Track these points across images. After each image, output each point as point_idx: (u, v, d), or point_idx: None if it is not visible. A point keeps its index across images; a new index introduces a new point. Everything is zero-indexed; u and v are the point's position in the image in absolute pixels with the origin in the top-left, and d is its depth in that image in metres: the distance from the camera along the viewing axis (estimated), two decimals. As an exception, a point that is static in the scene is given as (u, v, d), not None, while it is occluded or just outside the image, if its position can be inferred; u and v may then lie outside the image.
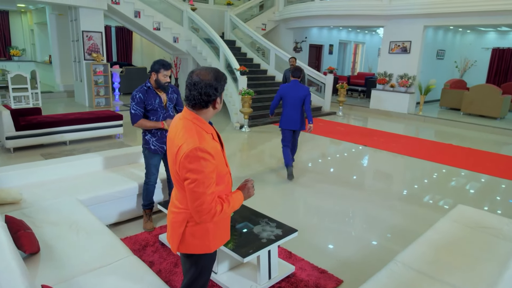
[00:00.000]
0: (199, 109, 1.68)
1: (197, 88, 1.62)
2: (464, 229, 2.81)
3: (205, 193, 1.60)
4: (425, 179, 5.58)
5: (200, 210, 1.62)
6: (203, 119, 1.70)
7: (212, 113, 1.73)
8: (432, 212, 4.34)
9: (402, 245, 3.48)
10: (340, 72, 16.62)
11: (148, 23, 10.14)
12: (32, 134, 5.87)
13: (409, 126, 9.68)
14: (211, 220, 1.68)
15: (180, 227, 1.78)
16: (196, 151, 1.57)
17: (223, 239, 1.92)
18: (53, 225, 2.65)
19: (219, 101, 1.71)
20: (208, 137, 1.67)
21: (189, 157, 1.57)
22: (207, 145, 1.61)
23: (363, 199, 4.68)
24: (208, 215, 1.64)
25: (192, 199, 1.62)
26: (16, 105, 8.61)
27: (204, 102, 1.65)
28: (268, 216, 2.92)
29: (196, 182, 1.58)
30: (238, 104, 8.43)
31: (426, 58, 11.34)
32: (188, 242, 1.78)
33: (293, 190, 4.91)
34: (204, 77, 1.62)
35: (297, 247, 3.27)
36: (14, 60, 13.25)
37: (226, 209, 1.72)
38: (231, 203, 1.75)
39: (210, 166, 1.60)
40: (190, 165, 1.58)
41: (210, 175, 1.61)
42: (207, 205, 1.62)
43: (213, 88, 1.64)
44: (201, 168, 1.58)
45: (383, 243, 3.55)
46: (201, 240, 1.79)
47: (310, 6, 11.61)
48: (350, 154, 6.86)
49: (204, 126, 1.69)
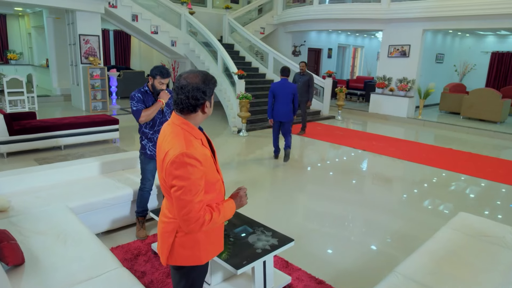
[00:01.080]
0: (188, 114, 1.61)
1: (185, 92, 1.56)
2: (465, 238, 2.73)
3: (193, 201, 1.52)
4: (425, 184, 5.49)
5: (188, 219, 1.54)
6: (192, 124, 1.63)
7: (202, 117, 1.66)
8: (432, 217, 4.26)
9: (402, 252, 3.41)
10: (339, 76, 16.58)
11: (146, 26, 10.09)
12: (26, 138, 5.79)
13: (408, 130, 9.61)
14: (200, 229, 1.59)
15: (169, 237, 1.70)
16: (183, 157, 1.50)
17: (216, 250, 1.84)
18: (41, 234, 2.56)
19: (208, 105, 1.64)
20: (196, 143, 1.60)
21: (175, 163, 1.50)
22: (195, 151, 1.54)
23: (362, 204, 4.59)
24: (196, 224, 1.55)
25: (179, 207, 1.54)
26: (12, 109, 8.53)
27: (192, 106, 1.58)
28: (263, 224, 2.83)
29: (183, 190, 1.50)
30: (236, 108, 8.36)
31: (425, 62, 11.29)
32: (177, 253, 1.70)
33: (291, 195, 4.82)
34: (192, 80, 1.56)
35: (294, 256, 3.17)
36: (11, 63, 13.17)
37: (216, 218, 1.63)
38: (221, 212, 1.67)
39: (198, 172, 1.53)
40: (176, 171, 1.50)
41: (198, 182, 1.53)
42: (195, 213, 1.54)
43: (201, 91, 1.57)
44: (187, 175, 1.50)
45: (383, 250, 3.46)
46: (192, 251, 1.71)
47: (309, 9, 11.57)
48: (349, 158, 6.78)
49: (193, 131, 1.62)
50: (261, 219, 4.00)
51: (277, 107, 5.85)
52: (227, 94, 9.14)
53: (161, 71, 3.12)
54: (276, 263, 3.00)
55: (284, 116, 5.85)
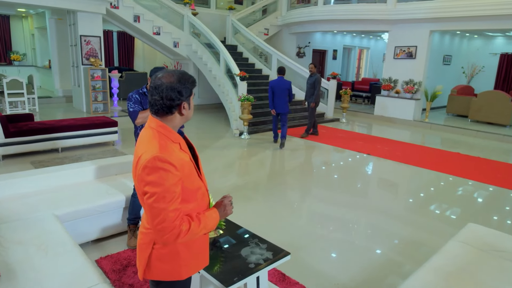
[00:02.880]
0: (164, 116, 1.49)
1: (159, 92, 1.44)
2: (475, 252, 2.53)
3: (166, 209, 1.39)
4: (431, 189, 5.29)
5: (161, 229, 1.40)
6: (169, 126, 1.50)
7: (180, 120, 1.53)
8: (440, 224, 4.06)
9: (409, 262, 3.23)
10: (344, 77, 16.37)
11: (148, 27, 9.98)
12: (22, 141, 5.68)
13: (414, 133, 9.39)
14: (175, 241, 1.45)
15: (146, 249, 1.57)
16: (155, 161, 1.38)
17: (198, 264, 1.68)
18: (21, 244, 2.41)
19: (186, 106, 1.50)
20: (174, 147, 1.47)
21: (147, 168, 1.38)
22: (169, 155, 1.41)
23: (366, 210, 4.41)
24: (170, 235, 1.41)
25: (152, 216, 1.41)
26: (12, 110, 8.46)
27: (166, 108, 1.46)
28: (258, 235, 2.66)
29: (156, 197, 1.38)
30: (238, 110, 8.21)
31: (432, 63, 11.06)
32: (155, 267, 1.56)
33: (291, 201, 4.65)
34: (166, 80, 1.45)
35: (292, 268, 3.00)
36: (14, 64, 13.16)
37: (195, 229, 1.49)
38: (202, 222, 1.52)
39: (172, 178, 1.40)
40: (148, 177, 1.38)
41: (172, 189, 1.40)
42: (169, 223, 1.40)
43: (176, 91, 1.45)
44: (160, 181, 1.38)
45: (389, 261, 3.27)
46: (171, 265, 1.57)
47: (313, 10, 11.39)
48: (353, 163, 6.59)
49: (170, 134, 1.49)
50: (261, 226, 3.88)
51: (275, 101, 6.98)
52: (229, 96, 8.99)
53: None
54: (271, 276, 2.83)
55: (281, 108, 7.00)
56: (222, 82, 9.40)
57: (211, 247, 2.53)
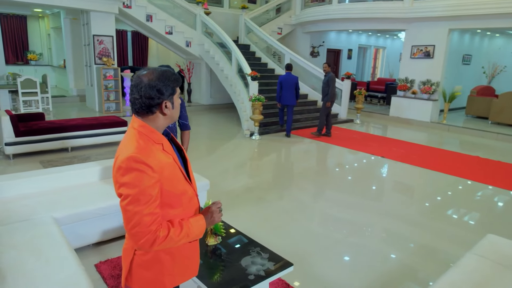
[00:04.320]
0: (145, 115, 1.41)
1: (138, 90, 1.36)
2: (495, 267, 2.34)
3: (140, 212, 1.30)
4: (448, 195, 5.05)
5: (135, 234, 1.32)
6: (151, 127, 1.41)
7: (164, 120, 1.44)
8: (457, 230, 3.84)
9: (425, 269, 3.05)
10: (359, 77, 16.06)
11: (160, 27, 9.96)
12: (32, 140, 5.69)
13: (431, 135, 9.08)
14: (151, 247, 1.35)
15: (128, 255, 1.48)
16: (129, 162, 1.30)
17: (184, 274, 1.57)
18: (14, 249, 2.34)
19: (169, 105, 1.41)
20: (155, 148, 1.38)
21: (121, 169, 1.31)
22: (146, 156, 1.32)
23: (380, 215, 4.21)
24: (145, 240, 1.32)
25: (126, 220, 1.33)
26: (26, 109, 8.55)
27: (146, 107, 1.38)
28: (260, 243, 2.53)
29: (130, 199, 1.30)
30: (249, 111, 8.08)
31: (451, 63, 10.69)
32: (136, 274, 1.47)
33: (303, 203, 4.49)
34: (146, 77, 1.37)
35: (298, 277, 2.86)
36: (31, 64, 13.37)
37: (175, 236, 1.39)
38: (184, 229, 1.42)
39: (148, 180, 1.31)
40: (122, 178, 1.32)
41: (148, 191, 1.31)
42: (144, 227, 1.31)
43: (155, 89, 1.36)
44: (135, 182, 1.30)
45: (403, 267, 3.09)
46: (152, 273, 1.47)
47: (328, 9, 11.17)
48: (366, 165, 6.38)
49: (152, 134, 1.41)
50: (269, 230, 3.75)
51: (284, 94, 7.72)
52: (241, 96, 8.88)
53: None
54: (275, 286, 2.69)
55: (289, 100, 7.74)
56: (233, 82, 9.30)
57: (210, 255, 2.41)
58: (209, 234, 2.49)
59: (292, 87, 7.63)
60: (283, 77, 7.68)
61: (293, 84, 7.63)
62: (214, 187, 4.78)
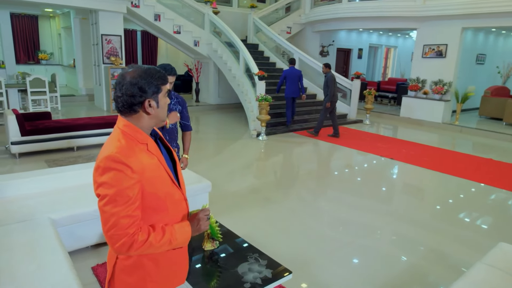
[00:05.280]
0: (128, 115, 1.36)
1: (120, 88, 1.32)
2: (505, 278, 2.21)
3: (117, 214, 1.24)
4: (460, 198, 4.88)
5: (111, 236, 1.26)
6: (136, 126, 1.36)
7: (149, 120, 1.38)
8: (468, 235, 3.69)
9: (434, 273, 2.93)
10: (369, 77, 15.84)
11: (168, 26, 9.94)
12: (38, 139, 5.70)
13: (443, 137, 8.86)
14: (128, 251, 1.28)
15: (111, 259, 1.43)
16: (107, 161, 1.25)
17: (170, 282, 1.50)
18: (8, 251, 2.30)
19: (153, 104, 1.35)
20: (138, 148, 1.33)
21: (99, 168, 1.27)
22: (126, 156, 1.27)
23: (388, 220, 4.09)
24: (121, 244, 1.26)
25: (103, 221, 1.27)
26: (35, 108, 8.61)
27: (128, 105, 1.32)
28: (259, 249, 2.44)
29: (107, 199, 1.25)
30: (256, 111, 8.00)
31: (464, 62, 10.43)
32: (118, 279, 1.41)
33: (308, 206, 4.39)
34: (129, 75, 1.32)
35: (306, 279, 2.76)
36: (42, 63, 13.51)
37: (156, 242, 1.32)
38: (166, 235, 1.35)
39: (127, 180, 1.26)
40: (100, 178, 1.27)
41: (126, 192, 1.25)
42: (120, 230, 1.25)
43: (137, 87, 1.31)
44: (112, 182, 1.25)
45: (412, 270, 2.97)
46: (135, 280, 1.41)
47: (338, 8, 11.02)
48: (374, 167, 6.24)
49: (137, 134, 1.35)
50: (276, 231, 3.68)
51: (288, 87, 8.11)
52: (248, 96, 8.80)
53: (165, 68, 2.80)
54: (275, 294, 2.60)
55: (294, 93, 8.14)
56: (241, 82, 9.23)
57: (206, 260, 2.33)
58: (206, 238, 2.41)
59: (296, 80, 8.06)
60: (287, 71, 8.11)
61: (297, 77, 8.06)
62: (219, 188, 4.71)
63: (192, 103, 11.50)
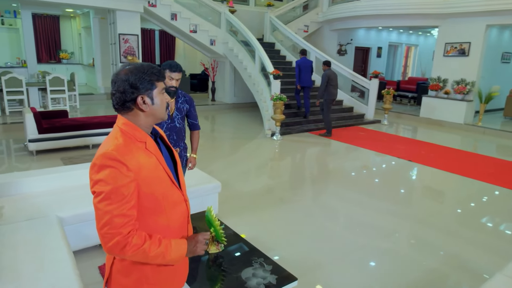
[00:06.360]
0: (124, 112, 1.34)
1: (114, 86, 1.31)
2: (529, 292, 2.06)
3: (111, 212, 1.21)
4: (483, 203, 4.67)
5: (104, 235, 1.22)
6: (134, 124, 1.33)
7: (145, 118, 1.34)
8: (490, 240, 3.51)
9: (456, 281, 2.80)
10: (389, 77, 15.50)
11: (185, 25, 9.96)
12: (54, 137, 5.78)
13: (465, 138, 8.55)
14: (121, 253, 1.24)
15: (109, 259, 1.41)
16: (103, 159, 1.24)
17: (168, 285, 1.45)
18: (13, 249, 2.31)
19: (148, 101, 1.32)
20: (135, 146, 1.31)
21: (95, 166, 1.25)
22: (123, 154, 1.25)
23: (406, 222, 3.94)
24: (114, 243, 1.22)
25: (96, 220, 1.25)
26: (54, 106, 8.78)
27: (121, 102, 1.30)
28: (265, 254, 2.36)
29: (101, 197, 1.23)
30: (271, 110, 7.91)
31: (488, 61, 10.03)
32: (115, 281, 1.39)
33: (323, 207, 4.28)
34: (122, 72, 1.31)
35: (320, 282, 2.68)
36: (63, 63, 13.81)
37: (149, 251, 1.27)
38: (161, 247, 1.29)
39: (122, 178, 1.23)
40: (96, 175, 1.25)
41: (121, 190, 1.22)
42: (113, 229, 1.21)
43: (129, 83, 1.28)
44: (107, 179, 1.22)
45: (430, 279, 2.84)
46: (132, 281, 1.37)
47: (357, 5, 10.79)
48: (392, 170, 6.05)
49: (135, 132, 1.33)
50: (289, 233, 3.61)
51: (302, 77, 8.37)
52: (264, 95, 8.72)
53: (170, 64, 2.76)
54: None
55: (307, 82, 8.43)
56: (256, 81, 9.16)
57: (211, 263, 2.28)
58: (210, 241, 2.34)
59: (308, 69, 8.36)
60: (300, 61, 8.38)
61: (309, 67, 8.41)
62: (231, 188, 4.67)
63: (208, 102, 11.52)
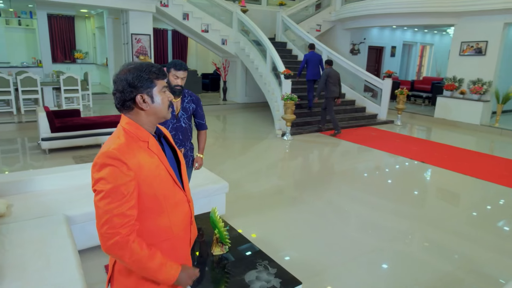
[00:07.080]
0: (125, 111, 1.35)
1: (115, 85, 1.33)
2: (545, 301, 1.97)
3: (110, 211, 1.21)
4: (499, 206, 4.53)
5: (103, 234, 1.22)
6: (137, 123, 1.34)
7: (146, 117, 1.35)
8: (508, 247, 3.40)
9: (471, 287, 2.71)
10: (403, 76, 15.26)
11: (197, 25, 9.99)
12: (67, 136, 5.86)
13: (481, 140, 8.34)
14: (119, 252, 1.23)
15: (111, 259, 1.41)
16: (104, 157, 1.25)
17: None
18: (20, 247, 2.32)
19: (147, 99, 1.32)
20: (137, 145, 1.31)
21: (96, 165, 1.26)
22: (123, 153, 1.25)
23: (420, 225, 3.85)
24: (113, 243, 1.21)
25: (96, 218, 1.24)
26: (68, 105, 8.92)
27: (121, 101, 1.32)
28: (269, 257, 2.32)
29: (102, 195, 1.23)
30: (282, 110, 7.86)
31: (506, 61, 9.76)
32: (117, 281, 1.39)
33: (333, 209, 4.21)
34: (121, 72, 1.33)
35: (331, 283, 2.63)
36: (77, 62, 14.01)
37: (146, 262, 1.26)
38: (156, 260, 1.28)
39: (123, 177, 1.24)
40: (97, 174, 1.26)
41: (121, 190, 1.23)
42: (113, 229, 1.21)
43: (127, 83, 1.29)
44: (108, 178, 1.23)
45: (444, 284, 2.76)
46: (131, 282, 1.36)
47: (370, 4, 10.64)
48: (404, 171, 5.94)
49: (138, 131, 1.34)
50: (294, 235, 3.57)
51: (310, 70, 8.45)
52: (275, 95, 8.67)
53: (175, 63, 2.75)
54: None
55: (315, 75, 8.48)
56: (267, 80, 9.11)
57: (214, 265, 2.25)
58: (215, 243, 2.33)
59: (317, 63, 8.49)
60: (308, 55, 8.51)
61: (318, 61, 8.51)
62: (241, 188, 4.65)
63: (219, 102, 11.52)
